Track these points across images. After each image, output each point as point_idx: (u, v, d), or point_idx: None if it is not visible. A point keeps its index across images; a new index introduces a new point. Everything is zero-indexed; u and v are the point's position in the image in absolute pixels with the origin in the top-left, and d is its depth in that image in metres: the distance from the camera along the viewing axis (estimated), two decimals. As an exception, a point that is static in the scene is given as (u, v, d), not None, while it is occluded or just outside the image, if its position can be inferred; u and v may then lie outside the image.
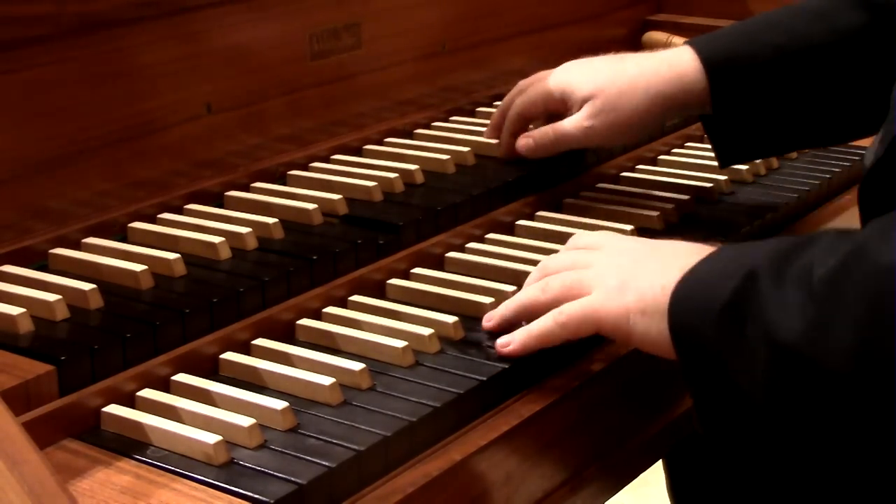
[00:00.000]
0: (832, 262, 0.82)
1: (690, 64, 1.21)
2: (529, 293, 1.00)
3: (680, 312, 0.90)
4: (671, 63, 1.22)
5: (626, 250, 1.00)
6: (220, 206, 1.20)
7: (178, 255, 1.05)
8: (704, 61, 1.21)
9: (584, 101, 1.24)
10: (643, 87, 1.22)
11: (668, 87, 1.22)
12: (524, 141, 1.28)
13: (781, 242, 0.89)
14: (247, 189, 1.23)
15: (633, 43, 1.77)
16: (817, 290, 0.82)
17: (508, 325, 1.00)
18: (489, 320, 1.02)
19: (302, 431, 0.87)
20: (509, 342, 0.97)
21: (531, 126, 1.33)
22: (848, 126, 1.24)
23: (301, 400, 0.91)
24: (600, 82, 1.23)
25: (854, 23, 1.19)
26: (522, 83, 1.33)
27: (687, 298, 0.90)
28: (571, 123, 1.25)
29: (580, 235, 1.08)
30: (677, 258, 0.94)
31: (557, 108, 1.29)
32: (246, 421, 0.86)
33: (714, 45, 1.23)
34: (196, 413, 0.88)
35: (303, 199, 1.19)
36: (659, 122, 1.28)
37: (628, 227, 1.19)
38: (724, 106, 1.21)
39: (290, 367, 0.95)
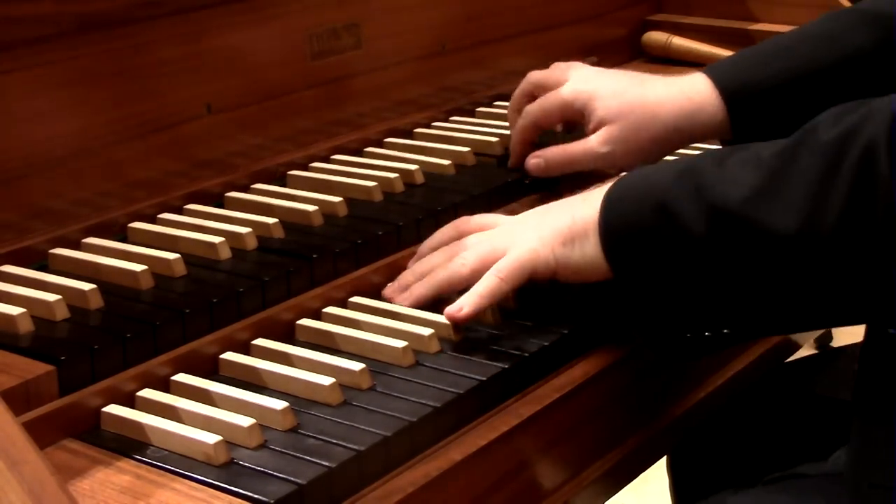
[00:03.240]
0: (781, 143, 0.90)
1: (708, 96, 1.22)
2: (448, 271, 1.04)
3: (610, 213, 0.96)
4: (690, 95, 1.23)
5: (523, 215, 1.07)
6: (220, 206, 1.20)
7: (178, 255, 1.05)
8: (722, 91, 1.21)
9: (603, 121, 1.24)
10: (662, 120, 1.23)
11: (686, 121, 1.22)
12: (535, 161, 1.28)
13: (716, 149, 0.98)
14: (247, 189, 1.23)
15: (633, 43, 1.77)
16: (768, 162, 0.89)
17: (422, 304, 1.04)
18: (401, 299, 1.05)
19: (302, 431, 0.87)
20: (461, 307, 1.00)
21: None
22: None
23: (301, 400, 0.91)
24: (622, 108, 1.24)
25: (863, 43, 1.20)
26: (535, 78, 1.32)
27: (618, 201, 0.97)
28: (586, 148, 1.25)
29: (461, 225, 1.11)
30: (576, 198, 1.03)
31: (574, 118, 1.29)
32: (246, 421, 0.86)
33: (729, 74, 1.23)
34: (196, 413, 0.88)
35: (303, 200, 1.19)
36: (672, 150, 1.29)
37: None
38: (744, 134, 1.21)
39: (290, 367, 0.95)
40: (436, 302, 1.06)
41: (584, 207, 0.99)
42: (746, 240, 0.89)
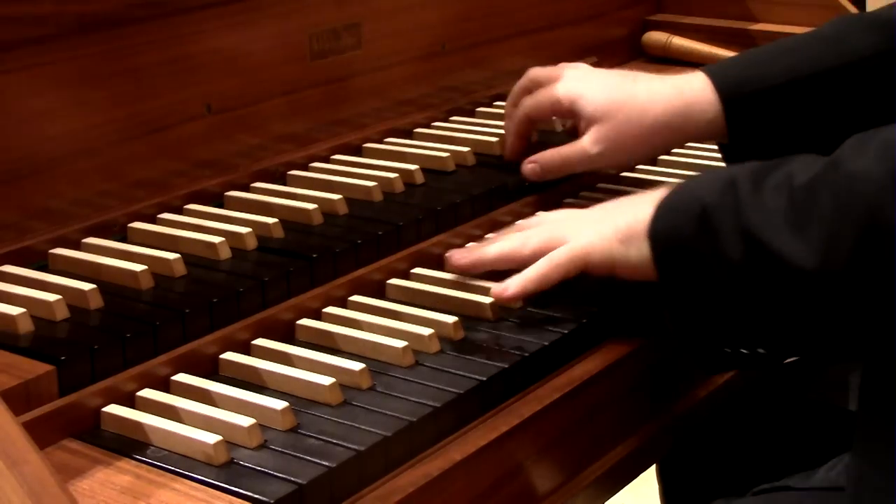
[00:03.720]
0: (811, 172, 0.91)
1: (703, 93, 1.21)
2: (510, 244, 1.08)
3: (660, 220, 0.98)
4: (683, 92, 1.22)
5: (591, 209, 1.10)
6: (220, 206, 1.20)
7: (178, 255, 1.05)
8: (719, 89, 1.20)
9: (592, 120, 1.23)
10: (651, 117, 1.22)
11: (676, 118, 1.21)
12: (530, 166, 1.28)
13: (760, 162, 0.97)
14: (247, 189, 1.23)
15: (633, 43, 1.77)
16: (796, 195, 0.90)
17: (478, 269, 1.08)
18: (461, 258, 1.09)
19: (302, 431, 0.87)
20: (506, 287, 1.03)
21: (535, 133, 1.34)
22: None
23: (301, 400, 0.91)
24: (610, 106, 1.23)
25: (867, 45, 1.19)
26: (534, 73, 1.32)
27: (668, 208, 0.98)
28: (577, 149, 1.24)
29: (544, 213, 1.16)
30: (644, 196, 1.03)
31: (564, 116, 1.29)
32: (246, 421, 0.86)
33: (728, 72, 1.22)
34: (196, 413, 0.88)
35: (303, 199, 1.19)
36: (665, 147, 1.28)
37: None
38: (740, 134, 1.21)
39: (290, 367, 0.95)
40: (436, 301, 1.06)
41: (647, 208, 1.00)
42: (773, 270, 0.90)
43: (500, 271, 1.07)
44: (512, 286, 1.03)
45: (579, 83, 1.26)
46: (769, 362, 0.96)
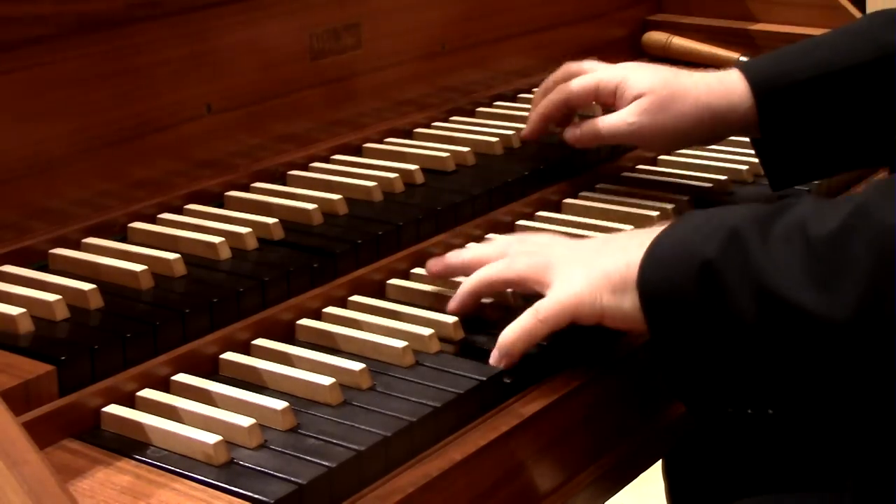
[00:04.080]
0: (831, 223, 0.85)
1: (738, 85, 1.22)
2: (495, 269, 1.02)
3: (652, 276, 0.92)
4: (721, 80, 1.23)
5: (579, 243, 1.04)
6: (220, 206, 1.20)
7: (178, 255, 1.05)
8: (751, 83, 1.21)
9: (636, 96, 1.24)
10: (694, 96, 1.23)
11: (717, 101, 1.22)
12: (571, 131, 1.28)
13: (758, 206, 0.92)
14: (247, 189, 1.23)
15: (633, 43, 1.77)
16: (818, 250, 0.84)
17: (469, 301, 1.03)
18: (450, 306, 1.03)
19: (302, 431, 0.87)
20: (502, 358, 0.96)
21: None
22: None
23: (301, 400, 0.91)
24: (655, 82, 1.24)
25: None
26: (571, 66, 1.33)
27: (659, 261, 0.92)
28: (619, 118, 1.25)
29: (525, 234, 1.11)
30: (633, 239, 0.97)
31: (608, 99, 1.29)
32: (246, 421, 0.86)
33: (760, 66, 1.23)
34: (196, 413, 0.88)
35: (303, 199, 1.19)
36: (703, 135, 1.28)
37: (628, 227, 1.19)
38: (772, 127, 1.21)
39: (290, 367, 0.95)
40: (436, 301, 1.06)
41: (639, 253, 0.94)
42: (797, 328, 0.85)
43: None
44: (506, 356, 0.96)
45: (624, 69, 1.28)
46: (772, 424, 0.93)
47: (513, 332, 0.97)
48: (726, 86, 1.22)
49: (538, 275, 0.99)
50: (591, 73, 1.30)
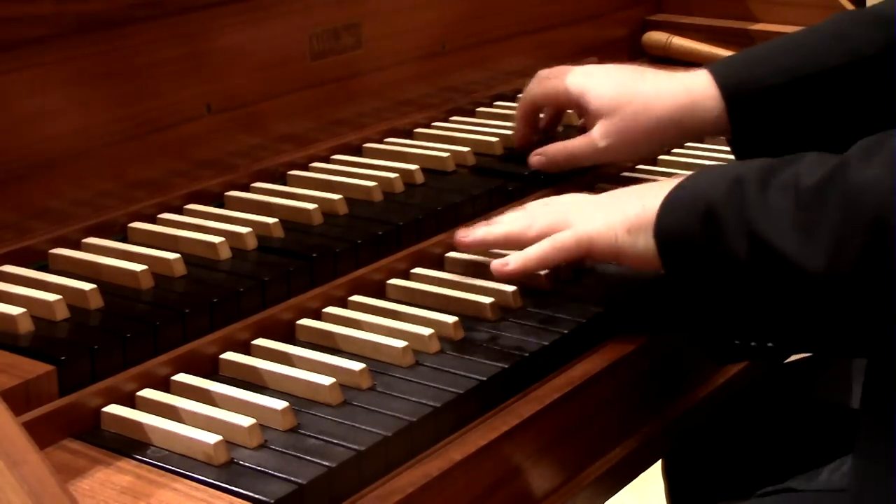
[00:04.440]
0: (819, 174, 0.91)
1: (707, 91, 1.21)
2: (516, 225, 1.08)
3: (666, 216, 0.98)
4: (689, 89, 1.22)
5: (599, 196, 1.09)
6: (220, 206, 1.20)
7: (178, 255, 1.05)
8: (722, 88, 1.20)
9: (598, 114, 1.24)
10: (657, 112, 1.22)
11: (681, 113, 1.22)
12: (537, 158, 1.29)
13: (767, 160, 0.97)
14: (247, 189, 1.23)
15: (633, 43, 1.77)
16: (803, 198, 0.91)
17: (482, 247, 1.10)
18: (465, 237, 1.09)
19: (302, 431, 0.87)
20: (507, 262, 1.04)
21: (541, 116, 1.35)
22: None
23: (301, 400, 0.91)
24: (617, 100, 1.24)
25: (869, 43, 1.19)
26: (542, 73, 1.33)
27: (674, 204, 0.98)
28: (584, 142, 1.26)
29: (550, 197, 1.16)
30: (652, 187, 1.03)
31: (572, 108, 1.31)
32: (246, 421, 0.86)
33: (730, 70, 1.22)
34: (196, 413, 0.88)
35: (303, 199, 1.19)
36: (670, 144, 1.29)
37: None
38: (744, 132, 1.21)
39: (290, 367, 0.95)
40: (436, 301, 1.06)
41: (655, 199, 1.00)
42: (780, 272, 0.91)
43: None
44: (512, 262, 1.04)
45: (586, 78, 1.27)
46: (778, 355, 0.97)
47: (529, 251, 1.04)
48: (693, 94, 1.21)
49: (559, 225, 1.05)
50: (554, 80, 1.30)
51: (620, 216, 1.02)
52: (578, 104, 1.27)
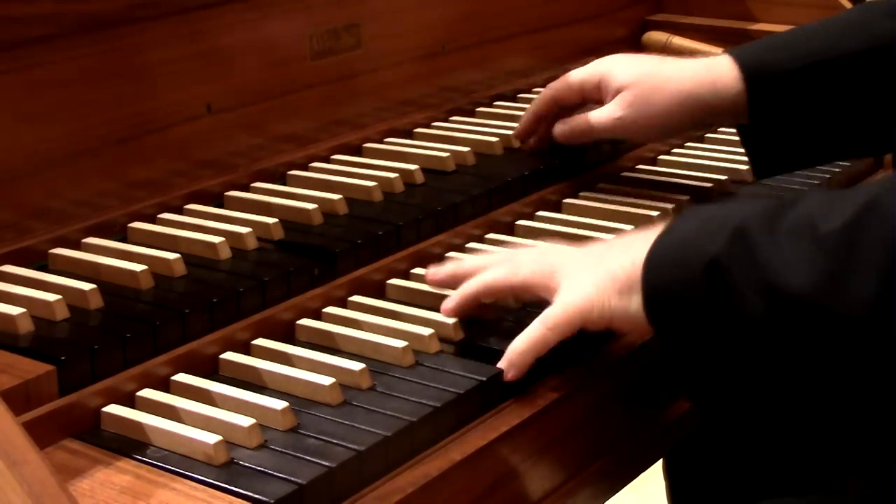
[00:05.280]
0: (842, 217, 0.83)
1: (728, 71, 1.22)
2: (498, 273, 1.01)
3: (655, 276, 0.90)
4: (709, 68, 1.23)
5: (583, 248, 1.01)
6: (220, 206, 1.20)
7: (178, 255, 1.05)
8: (742, 68, 1.21)
9: (619, 90, 1.25)
10: (676, 85, 1.23)
11: (700, 89, 1.22)
12: (560, 127, 1.29)
13: (764, 203, 0.89)
14: (247, 189, 1.23)
15: (633, 43, 1.77)
16: (828, 243, 0.82)
17: (469, 304, 1.01)
18: (448, 302, 1.01)
19: (302, 431, 0.87)
20: (510, 368, 0.95)
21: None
22: (886, 137, 1.24)
23: (301, 400, 0.91)
24: (637, 75, 1.25)
25: (888, 32, 1.19)
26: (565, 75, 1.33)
27: (663, 259, 0.90)
28: (605, 113, 1.26)
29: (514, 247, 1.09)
30: (636, 238, 0.95)
31: (593, 94, 1.29)
32: (246, 421, 0.86)
33: (752, 53, 1.23)
34: (196, 413, 0.88)
35: (303, 199, 1.19)
36: (689, 123, 1.27)
37: (628, 227, 1.20)
38: (762, 114, 1.21)
39: (290, 367, 0.95)
40: (436, 301, 1.06)
41: (643, 251, 0.92)
42: (809, 324, 0.83)
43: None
44: (514, 366, 0.95)
45: (608, 61, 1.28)
46: (778, 425, 0.90)
47: (522, 343, 0.95)
48: (713, 73, 1.22)
49: (544, 280, 0.98)
50: (573, 71, 1.30)
51: (609, 277, 0.94)
52: (598, 87, 1.27)
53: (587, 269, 0.97)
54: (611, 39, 1.73)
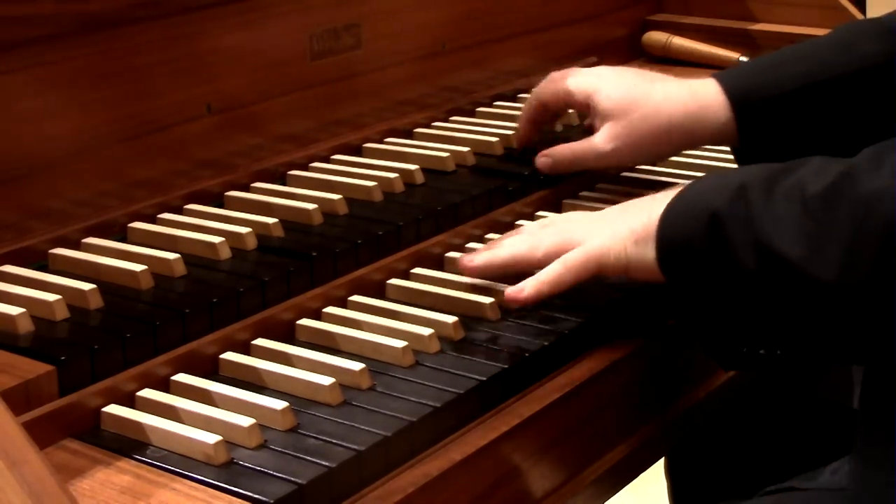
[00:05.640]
0: (825, 182, 0.90)
1: (716, 98, 1.21)
2: (522, 247, 1.07)
3: (669, 225, 0.97)
4: (697, 95, 1.22)
5: (604, 211, 1.08)
6: (220, 206, 1.20)
7: (178, 255, 1.05)
8: (729, 95, 1.21)
9: (606, 116, 1.24)
10: (666, 117, 1.22)
11: (689, 119, 1.22)
12: (543, 160, 1.29)
13: (770, 165, 0.96)
14: (247, 189, 1.23)
15: (633, 43, 1.77)
16: (811, 206, 0.90)
17: (489, 273, 1.07)
18: (470, 262, 1.07)
19: (302, 431, 0.87)
20: (522, 289, 1.02)
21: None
22: None
23: (301, 400, 0.91)
24: (625, 103, 1.24)
25: (876, 53, 1.19)
26: (554, 74, 1.33)
27: (676, 212, 0.97)
28: (590, 145, 1.25)
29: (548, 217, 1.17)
30: (655, 198, 1.02)
31: (579, 108, 1.30)
32: (246, 421, 0.86)
33: (738, 78, 1.22)
34: (196, 413, 0.88)
35: (303, 199, 1.19)
36: (676, 150, 1.28)
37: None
38: (751, 139, 1.21)
39: (290, 367, 0.95)
40: (436, 301, 1.06)
41: (660, 208, 0.99)
42: (788, 281, 0.90)
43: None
44: (528, 288, 1.02)
45: (595, 78, 1.27)
46: (786, 363, 0.97)
47: (541, 277, 1.02)
48: (701, 101, 1.22)
49: (566, 245, 1.04)
50: (562, 80, 1.30)
51: (627, 228, 1.01)
52: (586, 105, 1.26)
53: (606, 222, 1.05)
54: (611, 39, 1.73)
